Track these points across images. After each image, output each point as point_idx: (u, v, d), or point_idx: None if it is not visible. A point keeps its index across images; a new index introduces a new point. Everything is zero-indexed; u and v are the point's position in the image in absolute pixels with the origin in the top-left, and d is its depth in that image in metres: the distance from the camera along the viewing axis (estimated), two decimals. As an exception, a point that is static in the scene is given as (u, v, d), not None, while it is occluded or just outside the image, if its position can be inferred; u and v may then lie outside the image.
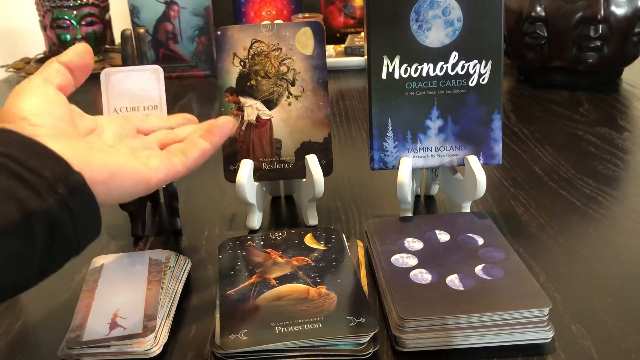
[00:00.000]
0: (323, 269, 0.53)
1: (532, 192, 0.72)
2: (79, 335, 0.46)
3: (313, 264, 0.53)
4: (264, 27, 0.64)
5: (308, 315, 0.46)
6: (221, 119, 0.51)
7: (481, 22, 0.60)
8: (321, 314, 0.46)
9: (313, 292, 0.49)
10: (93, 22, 1.36)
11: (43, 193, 0.34)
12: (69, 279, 0.58)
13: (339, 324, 0.45)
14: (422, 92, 0.62)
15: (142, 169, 0.43)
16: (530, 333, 0.46)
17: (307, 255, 0.55)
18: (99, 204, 0.38)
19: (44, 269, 0.37)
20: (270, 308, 0.48)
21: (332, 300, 0.48)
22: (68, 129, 0.41)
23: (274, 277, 0.52)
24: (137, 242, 0.65)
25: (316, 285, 0.50)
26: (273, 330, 0.45)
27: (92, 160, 0.39)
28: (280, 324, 0.45)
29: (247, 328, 0.45)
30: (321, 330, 0.45)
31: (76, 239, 0.37)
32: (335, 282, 0.50)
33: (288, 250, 0.56)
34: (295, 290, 0.50)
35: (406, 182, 0.61)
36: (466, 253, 0.53)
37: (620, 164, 0.79)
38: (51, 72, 0.44)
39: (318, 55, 0.65)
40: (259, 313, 0.47)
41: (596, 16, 1.02)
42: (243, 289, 0.50)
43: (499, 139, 0.63)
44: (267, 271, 0.53)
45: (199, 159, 0.48)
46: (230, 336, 0.44)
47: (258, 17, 1.46)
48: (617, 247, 0.60)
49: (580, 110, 1.02)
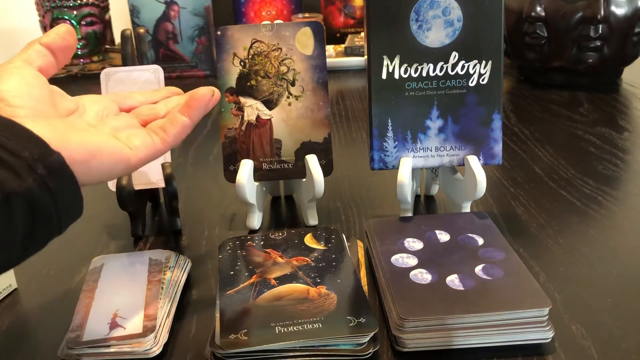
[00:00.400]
0: (323, 269, 0.53)
1: (532, 192, 0.72)
2: (79, 335, 0.46)
3: (313, 264, 0.53)
4: (264, 27, 0.64)
5: (308, 315, 0.46)
6: (200, 89, 0.49)
7: (481, 22, 0.60)
8: (321, 314, 0.46)
9: (313, 292, 0.49)
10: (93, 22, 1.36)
11: (22, 174, 0.34)
12: (69, 279, 0.58)
13: (339, 324, 0.45)
14: (422, 92, 0.62)
15: (122, 148, 0.43)
16: (530, 333, 0.46)
17: (307, 255, 0.55)
18: (79, 183, 0.38)
19: (27, 249, 0.37)
20: (270, 308, 0.47)
21: (332, 301, 0.48)
22: (48, 110, 0.41)
23: (274, 277, 0.51)
24: (137, 242, 0.65)
25: (316, 285, 0.50)
26: (273, 330, 0.45)
27: (71, 140, 0.39)
28: (280, 324, 0.45)
29: (247, 328, 0.45)
30: (321, 330, 0.44)
31: (58, 219, 0.37)
32: (335, 282, 0.50)
33: (288, 250, 0.56)
34: (295, 290, 0.50)
35: (406, 182, 0.61)
36: (466, 253, 0.53)
37: (620, 164, 0.79)
38: (32, 53, 0.43)
39: (318, 55, 0.65)
40: (259, 313, 0.47)
41: (596, 16, 1.02)
42: (243, 289, 0.50)
43: (499, 139, 0.63)
44: (267, 271, 0.53)
45: (178, 135, 0.47)
46: (230, 336, 0.44)
47: (258, 17, 1.46)
48: (617, 247, 0.60)
49: (580, 110, 1.02)
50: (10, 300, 0.56)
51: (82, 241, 0.65)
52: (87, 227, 0.68)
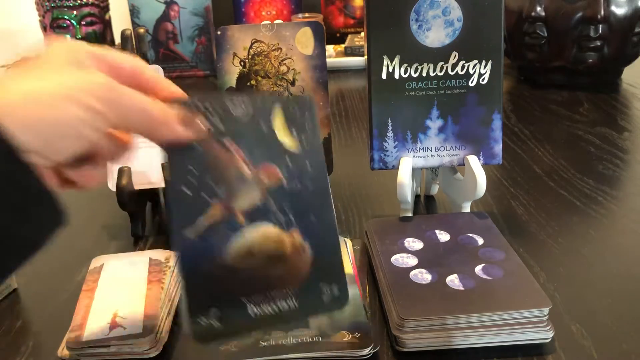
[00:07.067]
0: (296, 193, 0.43)
1: (532, 192, 0.72)
2: (79, 335, 0.46)
3: (286, 184, 0.43)
4: (264, 27, 0.64)
5: (281, 285, 0.41)
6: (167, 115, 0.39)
7: (481, 22, 0.60)
8: (295, 280, 0.42)
9: (287, 244, 0.42)
10: (93, 22, 1.36)
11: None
12: (69, 279, 0.58)
13: (313, 298, 0.42)
14: (422, 92, 0.62)
15: None
16: (530, 333, 0.46)
17: (278, 159, 0.43)
18: None
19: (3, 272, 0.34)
20: (241, 271, 0.41)
21: (307, 258, 0.42)
22: None
23: (241, 210, 0.42)
24: (137, 242, 0.65)
25: (289, 227, 0.42)
26: (246, 311, 0.40)
27: None
28: (253, 298, 0.40)
29: (218, 305, 0.40)
30: (296, 311, 0.41)
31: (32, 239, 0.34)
32: (309, 221, 0.43)
33: (254, 148, 0.43)
34: (268, 239, 0.42)
35: (406, 182, 0.61)
36: (466, 253, 0.53)
37: (620, 164, 0.79)
38: None
39: (318, 55, 0.65)
40: (230, 280, 0.41)
41: (596, 16, 1.02)
42: (206, 232, 0.40)
43: (499, 139, 0.63)
44: (232, 194, 0.42)
45: None
46: (200, 320, 0.39)
47: (258, 17, 1.46)
48: (617, 247, 0.60)
49: (580, 110, 1.02)
50: (10, 300, 0.56)
51: (82, 241, 0.65)
52: (87, 227, 0.68)
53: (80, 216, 0.72)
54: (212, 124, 0.41)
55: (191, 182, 0.41)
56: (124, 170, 0.63)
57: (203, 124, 0.41)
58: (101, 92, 0.35)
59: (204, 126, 0.41)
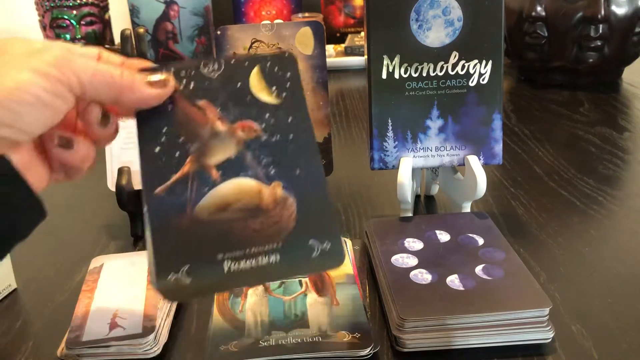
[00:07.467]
0: (277, 145, 0.40)
1: (532, 192, 0.72)
2: (79, 335, 0.46)
3: (264, 136, 0.40)
4: (264, 27, 0.64)
5: (262, 240, 0.38)
6: None
7: (481, 22, 0.60)
8: (278, 236, 0.38)
9: (267, 196, 0.39)
10: (93, 22, 1.36)
11: None
12: (69, 279, 0.58)
13: (299, 254, 0.38)
14: (422, 91, 0.62)
15: None
16: (531, 333, 0.46)
17: (256, 115, 0.41)
18: None
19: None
20: (215, 226, 0.38)
21: (291, 211, 0.39)
22: None
23: (215, 165, 0.39)
24: (137, 242, 0.65)
25: (270, 179, 0.39)
26: (220, 266, 0.37)
27: None
28: (229, 255, 0.37)
29: (189, 262, 0.37)
30: (279, 266, 0.38)
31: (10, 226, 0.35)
32: (294, 175, 0.40)
33: (229, 105, 0.41)
34: (245, 192, 0.39)
35: (406, 182, 0.61)
36: (466, 253, 0.53)
37: (621, 163, 0.79)
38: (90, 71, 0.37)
39: (318, 55, 0.65)
40: (202, 234, 0.38)
41: (597, 16, 1.02)
42: (176, 187, 0.39)
43: (499, 139, 0.63)
44: (205, 150, 0.40)
45: None
46: (169, 277, 0.36)
47: (258, 17, 1.46)
48: (617, 247, 0.60)
49: (580, 110, 1.02)
50: (10, 300, 0.56)
51: (82, 241, 0.65)
52: (87, 227, 0.68)
53: (80, 216, 0.72)
54: (184, 85, 0.41)
55: (161, 141, 0.40)
56: (124, 170, 0.63)
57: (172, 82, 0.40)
58: (58, 60, 0.35)
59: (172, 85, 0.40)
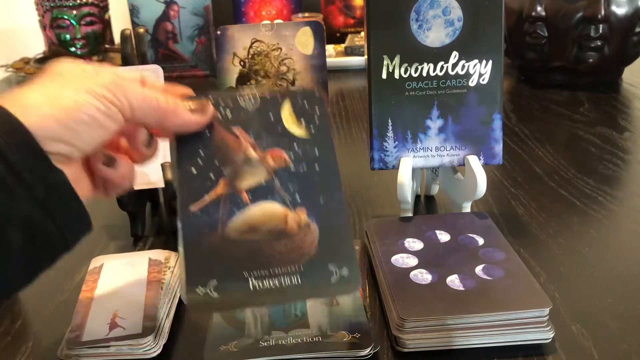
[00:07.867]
0: (303, 175, 0.44)
1: (532, 192, 0.72)
2: (79, 335, 0.46)
3: (293, 167, 0.44)
4: (264, 27, 0.64)
5: (285, 261, 0.41)
6: None
7: (481, 22, 0.60)
8: (300, 259, 0.41)
9: (292, 221, 0.42)
10: (93, 22, 1.36)
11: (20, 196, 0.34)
12: (69, 279, 0.58)
13: (319, 278, 0.41)
14: (422, 91, 0.62)
15: None
16: (531, 333, 0.46)
17: (286, 146, 0.45)
18: None
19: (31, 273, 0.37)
20: (243, 245, 0.42)
21: (313, 238, 0.42)
22: None
23: (246, 189, 0.43)
24: (137, 242, 0.65)
25: (295, 206, 0.43)
26: (247, 285, 0.40)
27: None
28: (254, 273, 0.41)
29: (217, 277, 0.40)
30: (299, 287, 0.41)
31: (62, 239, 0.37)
32: (317, 203, 0.43)
33: (262, 134, 0.45)
34: (272, 216, 0.43)
35: (406, 182, 0.61)
36: (466, 253, 0.53)
37: (621, 163, 0.79)
38: None
39: (318, 55, 0.64)
40: (231, 252, 0.41)
41: (597, 16, 1.02)
42: (209, 207, 0.42)
43: (500, 139, 0.63)
44: (238, 175, 0.43)
45: None
46: (198, 290, 0.40)
47: (258, 16, 1.46)
48: (617, 247, 0.60)
49: (580, 110, 1.02)
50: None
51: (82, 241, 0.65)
52: (86, 227, 0.68)
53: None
54: (221, 113, 0.45)
55: (198, 163, 0.43)
56: (124, 170, 0.63)
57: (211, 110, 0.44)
58: (111, 85, 0.38)
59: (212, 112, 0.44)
